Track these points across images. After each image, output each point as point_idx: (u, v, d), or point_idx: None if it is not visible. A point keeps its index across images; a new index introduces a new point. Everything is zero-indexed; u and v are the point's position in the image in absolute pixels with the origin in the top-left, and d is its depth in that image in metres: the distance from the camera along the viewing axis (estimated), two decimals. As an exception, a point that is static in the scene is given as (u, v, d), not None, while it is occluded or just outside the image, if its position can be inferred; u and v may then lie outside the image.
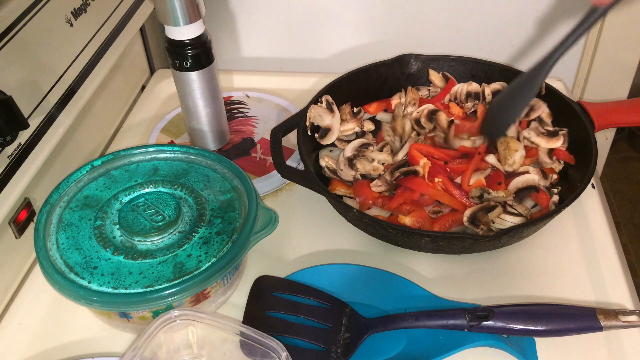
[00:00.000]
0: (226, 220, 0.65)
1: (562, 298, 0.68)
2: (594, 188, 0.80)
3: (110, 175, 0.71)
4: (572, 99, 0.82)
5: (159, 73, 1.07)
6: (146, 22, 0.99)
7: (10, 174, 0.65)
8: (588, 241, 0.74)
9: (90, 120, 0.87)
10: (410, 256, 0.72)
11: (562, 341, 0.61)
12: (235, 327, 0.57)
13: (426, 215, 0.72)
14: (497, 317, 0.58)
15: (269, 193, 0.82)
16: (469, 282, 0.70)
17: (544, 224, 0.72)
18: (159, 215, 0.65)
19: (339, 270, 0.69)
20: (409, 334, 0.62)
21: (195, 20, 0.74)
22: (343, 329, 0.62)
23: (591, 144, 0.75)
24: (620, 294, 0.67)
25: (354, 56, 1.11)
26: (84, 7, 0.79)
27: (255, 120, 0.94)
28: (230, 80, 1.04)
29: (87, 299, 0.58)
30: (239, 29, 1.12)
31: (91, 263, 0.61)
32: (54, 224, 0.65)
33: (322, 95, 0.84)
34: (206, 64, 0.78)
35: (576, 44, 0.61)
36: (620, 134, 2.07)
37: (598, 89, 1.08)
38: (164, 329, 0.57)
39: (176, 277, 0.60)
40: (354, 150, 0.79)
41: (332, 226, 0.77)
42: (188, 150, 0.74)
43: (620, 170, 2.01)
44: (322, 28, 1.09)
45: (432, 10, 1.04)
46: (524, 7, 1.02)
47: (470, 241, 0.67)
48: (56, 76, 0.73)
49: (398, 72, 0.91)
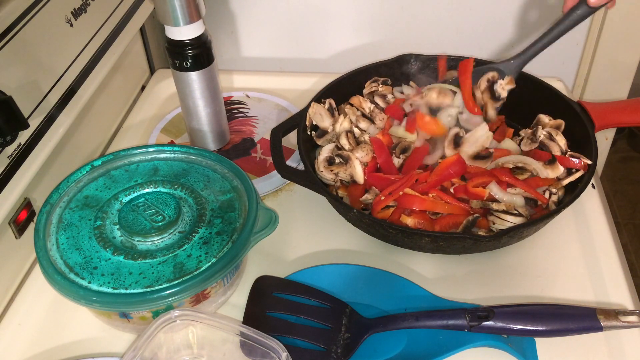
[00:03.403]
0: (226, 220, 0.65)
1: (562, 298, 0.68)
2: (594, 188, 0.80)
3: (110, 175, 0.71)
4: (572, 99, 0.82)
5: (159, 73, 1.07)
6: (146, 22, 0.99)
7: (10, 174, 0.65)
8: (588, 241, 0.74)
9: (90, 120, 0.87)
10: (410, 256, 0.72)
11: (562, 341, 0.61)
12: (235, 327, 0.57)
13: (427, 217, 0.72)
14: (497, 317, 0.58)
15: (269, 193, 0.82)
16: (469, 282, 0.70)
17: (544, 224, 0.72)
18: (159, 216, 0.65)
19: (339, 270, 0.69)
20: (409, 334, 0.62)
21: (195, 20, 0.74)
22: (343, 329, 0.62)
23: (591, 144, 0.75)
24: (620, 294, 0.67)
25: (354, 56, 1.11)
26: (84, 7, 0.79)
27: (255, 120, 0.94)
28: (230, 80, 1.04)
29: (87, 299, 0.58)
30: (239, 29, 1.12)
31: (91, 263, 0.61)
32: (54, 224, 0.65)
33: (322, 95, 0.84)
34: (206, 64, 0.78)
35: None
36: (620, 134, 2.07)
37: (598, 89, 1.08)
38: (164, 329, 0.57)
39: (176, 277, 0.60)
40: (330, 152, 0.79)
41: (332, 226, 0.77)
42: (188, 150, 0.74)
43: (620, 170, 2.01)
44: (322, 28, 1.09)
45: (432, 10, 1.04)
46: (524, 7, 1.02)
47: (470, 241, 0.67)
48: (56, 76, 0.73)
49: (398, 72, 0.91)
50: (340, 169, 0.77)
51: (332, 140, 0.82)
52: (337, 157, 0.78)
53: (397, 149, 0.79)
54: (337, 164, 0.77)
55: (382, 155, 0.77)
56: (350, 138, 0.79)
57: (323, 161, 0.78)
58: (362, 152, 0.77)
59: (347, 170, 0.77)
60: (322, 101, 0.84)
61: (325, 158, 0.78)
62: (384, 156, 0.77)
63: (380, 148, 0.78)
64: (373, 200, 0.73)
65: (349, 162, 0.76)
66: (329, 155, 0.79)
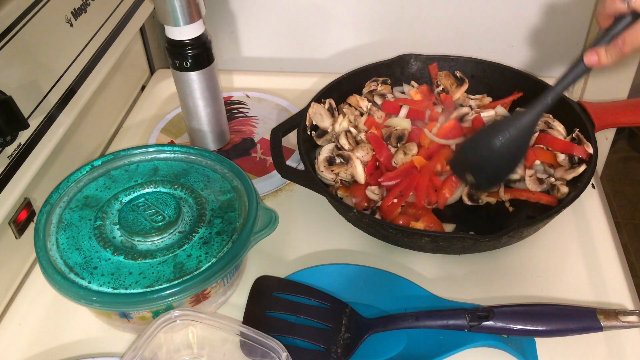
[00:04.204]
0: (226, 220, 0.65)
1: (562, 298, 0.68)
2: (594, 188, 0.80)
3: (110, 175, 0.71)
4: (572, 99, 0.82)
5: (159, 73, 1.07)
6: (146, 22, 0.99)
7: (10, 174, 0.65)
8: (588, 241, 0.74)
9: (90, 120, 0.87)
10: (410, 256, 0.72)
11: (562, 341, 0.61)
12: (235, 327, 0.57)
13: (436, 220, 0.72)
14: (497, 317, 0.58)
15: (269, 193, 0.82)
16: (469, 282, 0.70)
17: (544, 224, 0.72)
18: (159, 216, 0.65)
19: (339, 270, 0.69)
20: (409, 334, 0.62)
21: (195, 20, 0.74)
22: (343, 329, 0.62)
23: (591, 144, 0.75)
24: (620, 294, 0.67)
25: (354, 56, 1.11)
26: (84, 7, 0.79)
27: (255, 120, 0.94)
28: (230, 80, 1.04)
29: (87, 299, 0.58)
30: (239, 29, 1.11)
31: (91, 263, 0.61)
32: (54, 224, 0.65)
33: (322, 95, 0.84)
34: (206, 64, 0.78)
35: (565, 90, 0.60)
36: (620, 134, 2.07)
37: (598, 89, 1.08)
38: (164, 329, 0.57)
39: (176, 277, 0.60)
40: (330, 152, 0.79)
41: (332, 226, 0.77)
42: (188, 150, 0.74)
43: (620, 170, 2.01)
44: (322, 28, 1.09)
45: (432, 10, 1.04)
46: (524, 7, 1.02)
47: (470, 241, 0.67)
48: (56, 76, 0.73)
49: (398, 72, 0.91)
50: (341, 169, 0.77)
51: (331, 140, 0.82)
52: (337, 157, 0.78)
53: (391, 139, 0.79)
54: (337, 164, 0.77)
55: (381, 151, 0.78)
56: (350, 137, 0.79)
57: (323, 161, 0.78)
58: (363, 151, 0.78)
59: (347, 170, 0.77)
60: (322, 101, 0.84)
61: (326, 158, 0.78)
62: (384, 152, 0.78)
63: (378, 144, 0.78)
64: (380, 200, 0.73)
65: (350, 162, 0.76)
66: (329, 155, 0.78)
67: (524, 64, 1.06)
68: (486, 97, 0.88)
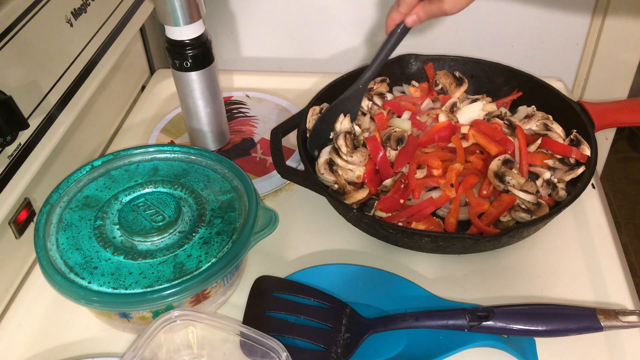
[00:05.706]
0: (226, 220, 0.65)
1: (562, 298, 0.68)
2: (594, 188, 0.80)
3: (110, 175, 0.71)
4: (572, 99, 0.82)
5: (159, 73, 1.07)
6: (146, 22, 0.99)
7: (10, 174, 0.65)
8: (588, 241, 0.74)
9: (90, 120, 0.87)
10: (410, 256, 0.72)
11: (562, 341, 0.61)
12: (235, 327, 0.57)
13: (437, 222, 0.72)
14: (497, 317, 0.58)
15: (269, 193, 0.82)
16: (469, 282, 0.70)
17: (544, 224, 0.72)
18: (159, 216, 0.65)
19: (339, 270, 0.69)
20: (409, 334, 0.62)
21: (195, 20, 0.74)
22: (343, 329, 0.62)
23: (591, 144, 0.75)
24: (620, 294, 0.67)
25: (354, 56, 1.11)
26: (84, 7, 0.79)
27: (255, 120, 0.94)
28: (230, 80, 1.04)
29: (87, 299, 0.58)
30: (239, 29, 1.12)
31: (91, 263, 0.61)
32: (54, 224, 0.65)
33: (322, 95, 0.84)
34: (206, 64, 0.78)
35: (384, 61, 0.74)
36: (620, 134, 2.07)
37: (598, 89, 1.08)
38: (164, 329, 0.57)
39: (176, 277, 0.60)
40: (329, 154, 0.79)
41: (332, 226, 0.77)
42: (188, 150, 0.74)
43: (620, 170, 2.01)
44: (322, 28, 1.09)
45: (432, 10, 1.04)
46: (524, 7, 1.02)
47: (470, 241, 0.67)
48: (56, 76, 0.73)
49: (398, 72, 0.91)
50: (341, 171, 0.77)
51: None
52: (337, 158, 0.78)
53: (391, 141, 0.78)
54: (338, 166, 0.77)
55: (377, 156, 0.77)
56: (349, 140, 0.79)
57: (324, 163, 0.78)
58: (361, 156, 0.77)
59: (347, 173, 0.77)
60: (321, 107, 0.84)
61: (326, 160, 0.78)
62: (380, 158, 0.77)
63: (376, 148, 0.77)
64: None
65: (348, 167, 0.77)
66: (329, 157, 0.78)
67: (524, 64, 1.06)
68: (486, 97, 0.88)
